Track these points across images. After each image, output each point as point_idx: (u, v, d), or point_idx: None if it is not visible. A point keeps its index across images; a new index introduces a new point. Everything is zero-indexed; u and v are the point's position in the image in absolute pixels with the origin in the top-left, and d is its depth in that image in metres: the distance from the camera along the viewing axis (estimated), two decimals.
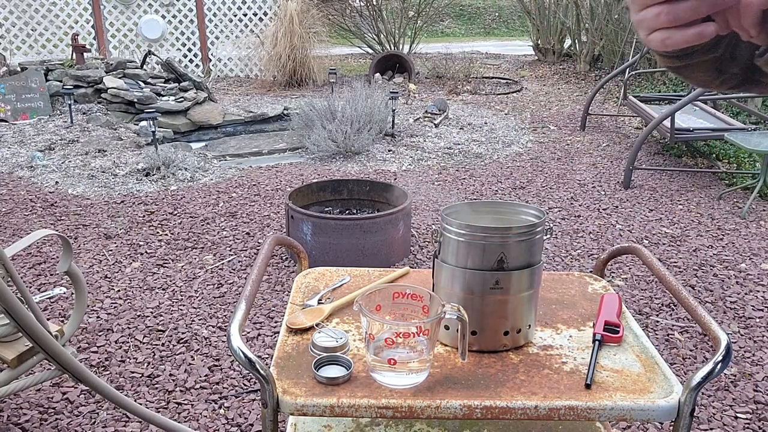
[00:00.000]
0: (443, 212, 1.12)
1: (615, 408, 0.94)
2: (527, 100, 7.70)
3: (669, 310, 2.88)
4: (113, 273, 3.20)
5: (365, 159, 5.18)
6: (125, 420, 2.12)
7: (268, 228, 3.78)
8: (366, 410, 0.94)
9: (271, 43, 8.13)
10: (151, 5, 8.48)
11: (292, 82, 8.24)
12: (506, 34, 15.63)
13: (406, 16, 9.83)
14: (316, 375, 0.99)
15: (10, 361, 1.77)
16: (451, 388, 0.98)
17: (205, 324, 2.74)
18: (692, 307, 1.08)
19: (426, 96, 7.75)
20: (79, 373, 1.74)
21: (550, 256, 3.45)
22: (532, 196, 4.40)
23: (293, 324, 1.15)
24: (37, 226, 3.76)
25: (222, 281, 3.12)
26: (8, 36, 7.96)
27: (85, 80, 6.28)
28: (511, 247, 1.05)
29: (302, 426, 1.28)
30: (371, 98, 5.69)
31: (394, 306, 1.03)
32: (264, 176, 4.77)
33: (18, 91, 6.03)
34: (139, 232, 3.70)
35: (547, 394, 0.96)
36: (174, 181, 4.61)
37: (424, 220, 3.91)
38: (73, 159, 5.00)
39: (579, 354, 1.08)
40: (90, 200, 4.22)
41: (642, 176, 4.78)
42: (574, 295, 1.30)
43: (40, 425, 2.09)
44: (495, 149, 5.54)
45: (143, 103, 6.05)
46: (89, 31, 8.28)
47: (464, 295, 1.07)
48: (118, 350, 2.53)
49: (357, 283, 1.35)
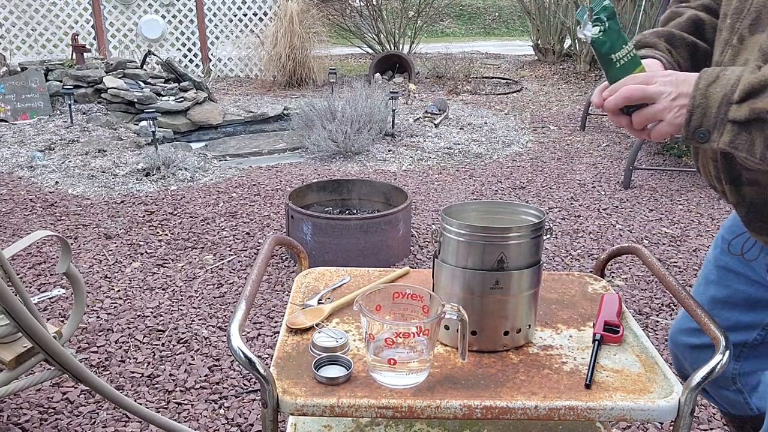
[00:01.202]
0: (443, 212, 1.12)
1: (615, 408, 0.94)
2: (527, 100, 7.70)
3: (669, 310, 2.88)
4: (113, 273, 3.20)
5: (365, 159, 5.18)
6: (125, 420, 2.12)
7: (268, 228, 3.78)
8: (366, 410, 0.94)
9: (271, 43, 8.13)
10: (151, 5, 8.48)
11: (292, 82, 8.24)
12: (506, 34, 15.63)
13: (406, 16, 9.83)
14: (316, 375, 0.99)
15: (8, 363, 1.77)
16: (451, 388, 0.98)
17: (205, 324, 2.74)
18: (692, 307, 1.08)
19: (426, 96, 7.75)
20: (79, 373, 1.74)
21: (550, 256, 3.45)
22: (532, 196, 4.40)
23: (293, 324, 1.15)
24: (37, 226, 3.76)
25: (222, 281, 3.12)
26: (8, 36, 7.96)
27: (85, 80, 6.28)
28: (511, 247, 1.05)
29: (302, 426, 1.28)
30: (371, 98, 5.69)
31: (394, 306, 1.03)
32: (264, 176, 4.77)
33: (18, 91, 6.03)
34: (139, 232, 3.70)
35: (547, 394, 0.96)
36: (174, 181, 4.61)
37: (424, 220, 3.91)
38: (73, 159, 5.00)
39: (579, 354, 1.08)
40: (90, 200, 4.22)
41: (642, 176, 4.78)
42: (574, 295, 1.30)
43: (40, 425, 2.09)
44: (495, 149, 5.54)
45: (143, 103, 6.05)
46: (89, 31, 8.28)
47: (464, 295, 1.07)
48: (118, 350, 2.53)
49: (357, 283, 1.35)
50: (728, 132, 0.88)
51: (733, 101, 0.88)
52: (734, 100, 0.88)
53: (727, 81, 0.89)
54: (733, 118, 0.88)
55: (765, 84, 0.86)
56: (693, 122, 0.91)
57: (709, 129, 0.90)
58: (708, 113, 0.89)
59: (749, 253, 1.23)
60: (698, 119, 0.90)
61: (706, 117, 0.90)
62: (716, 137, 0.90)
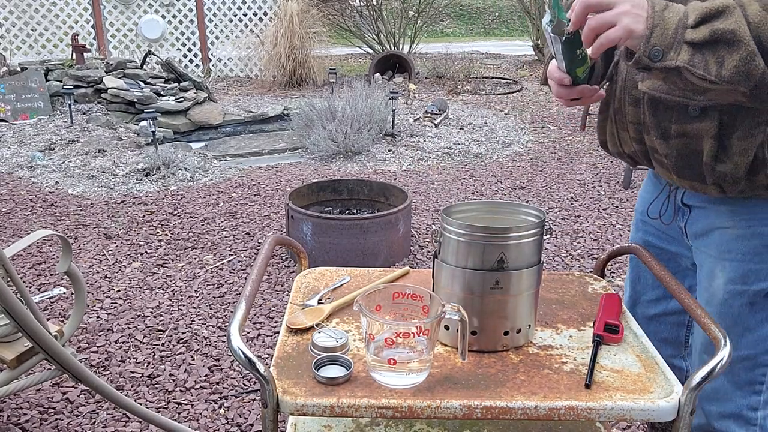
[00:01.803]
0: (443, 212, 1.12)
1: (615, 408, 0.94)
2: (527, 100, 7.70)
3: None
4: (113, 273, 3.20)
5: (365, 159, 5.18)
6: (125, 420, 2.12)
7: (268, 228, 3.78)
8: (366, 410, 0.94)
9: (271, 43, 8.14)
10: (151, 5, 8.48)
11: (292, 82, 8.24)
12: (506, 34, 15.63)
13: (406, 16, 9.83)
14: (316, 375, 0.99)
15: (9, 362, 1.77)
16: (451, 388, 0.98)
17: (205, 324, 2.74)
18: (692, 307, 1.08)
19: (426, 96, 7.76)
20: (79, 373, 1.74)
21: (550, 256, 3.45)
22: (532, 196, 4.40)
23: (293, 324, 1.15)
24: (37, 226, 3.76)
25: (222, 281, 3.12)
26: (8, 36, 7.96)
27: (85, 80, 6.28)
28: (511, 247, 1.05)
29: (302, 426, 1.28)
30: (371, 98, 5.69)
31: (394, 306, 1.03)
32: (264, 176, 4.77)
33: (18, 91, 6.03)
34: (139, 232, 3.70)
35: (547, 394, 0.96)
36: (174, 181, 4.61)
37: (424, 220, 3.91)
38: (73, 159, 5.00)
39: (579, 354, 1.08)
40: (90, 200, 4.22)
41: (642, 176, 4.78)
42: (574, 295, 1.30)
43: (40, 425, 2.09)
44: (495, 149, 5.54)
45: (143, 103, 6.05)
46: (89, 31, 8.28)
47: (464, 295, 1.07)
48: (118, 350, 2.53)
49: (357, 283, 1.35)
50: (685, 52, 0.97)
51: (688, 25, 0.97)
52: (689, 24, 0.97)
53: (678, 9, 0.99)
54: (690, 39, 0.97)
55: (718, 9, 0.97)
56: (653, 39, 0.98)
57: (665, 49, 0.98)
58: (665, 34, 0.98)
59: (665, 216, 1.35)
60: (657, 38, 0.98)
61: (663, 37, 0.98)
62: (673, 56, 0.98)
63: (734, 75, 0.97)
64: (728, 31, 0.95)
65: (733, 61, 0.96)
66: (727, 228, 1.22)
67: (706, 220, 1.25)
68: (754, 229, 1.19)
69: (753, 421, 1.24)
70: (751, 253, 1.19)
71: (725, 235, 1.22)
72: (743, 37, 0.95)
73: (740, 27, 0.95)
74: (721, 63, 0.97)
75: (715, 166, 1.14)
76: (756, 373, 1.22)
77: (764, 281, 1.18)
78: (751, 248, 1.19)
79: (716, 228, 1.23)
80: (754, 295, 1.19)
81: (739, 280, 1.20)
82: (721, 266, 1.22)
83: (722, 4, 0.97)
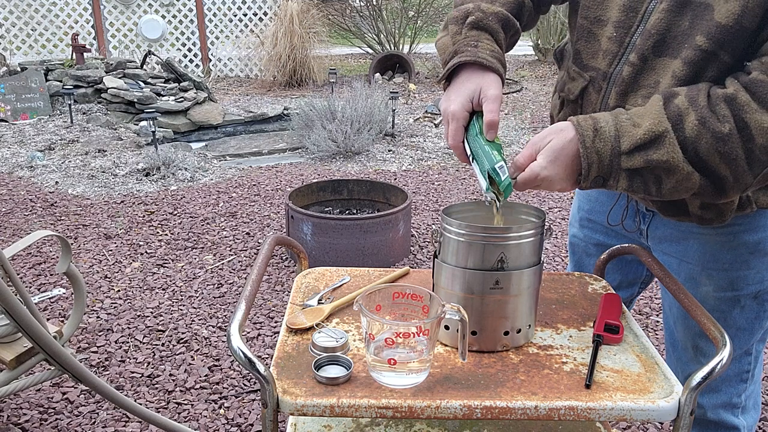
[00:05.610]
0: (443, 212, 1.12)
1: (615, 408, 0.94)
2: (527, 100, 7.70)
3: None
4: (113, 273, 3.20)
5: (365, 159, 5.18)
6: (125, 420, 2.12)
7: (268, 228, 3.78)
8: (366, 410, 0.94)
9: (271, 43, 8.14)
10: (151, 5, 8.48)
11: (292, 82, 8.24)
12: None
13: (406, 16, 9.84)
14: (316, 375, 0.99)
15: (8, 363, 1.77)
16: (451, 388, 0.98)
17: (205, 324, 2.74)
18: (692, 306, 1.08)
19: (426, 96, 7.76)
20: (79, 373, 1.74)
21: (550, 256, 3.45)
22: (532, 196, 4.40)
23: (293, 324, 1.15)
24: (37, 226, 3.76)
25: (222, 281, 3.12)
26: (8, 36, 7.96)
27: (85, 80, 6.28)
28: (511, 247, 1.05)
29: (302, 426, 1.28)
30: (371, 98, 5.69)
31: (394, 306, 1.03)
32: (264, 176, 4.77)
33: (18, 91, 6.03)
34: (139, 232, 3.70)
35: (547, 394, 0.96)
36: (174, 181, 4.61)
37: (424, 220, 3.91)
38: (73, 159, 5.00)
39: (579, 354, 1.08)
40: (90, 200, 4.22)
41: None
42: (574, 295, 1.30)
43: (40, 425, 2.09)
44: None
45: (143, 103, 6.05)
46: (89, 31, 8.28)
47: (464, 295, 1.07)
48: (118, 350, 2.53)
49: (357, 283, 1.34)
50: (624, 179, 1.01)
51: (622, 152, 1.00)
52: (623, 150, 1.00)
53: (607, 134, 1.01)
54: (627, 167, 1.00)
55: (650, 138, 0.99)
56: (591, 174, 1.02)
57: (605, 176, 1.02)
58: (602, 165, 1.01)
59: (627, 223, 1.37)
60: (594, 171, 1.02)
61: (600, 169, 1.01)
62: (613, 183, 1.02)
63: (673, 192, 1.02)
64: (662, 161, 0.98)
65: (671, 182, 1.00)
66: (705, 235, 1.22)
67: (676, 227, 1.26)
68: (738, 238, 1.19)
69: (739, 405, 1.32)
70: (738, 261, 1.21)
71: (707, 245, 1.22)
72: (677, 164, 0.98)
73: (674, 156, 0.98)
74: (659, 184, 1.01)
75: (703, 214, 1.15)
76: (743, 362, 1.29)
77: (752, 285, 1.21)
78: (737, 257, 1.20)
79: (693, 234, 1.24)
80: (744, 298, 1.23)
81: (728, 287, 1.23)
82: (707, 275, 1.24)
83: (654, 131, 0.99)
